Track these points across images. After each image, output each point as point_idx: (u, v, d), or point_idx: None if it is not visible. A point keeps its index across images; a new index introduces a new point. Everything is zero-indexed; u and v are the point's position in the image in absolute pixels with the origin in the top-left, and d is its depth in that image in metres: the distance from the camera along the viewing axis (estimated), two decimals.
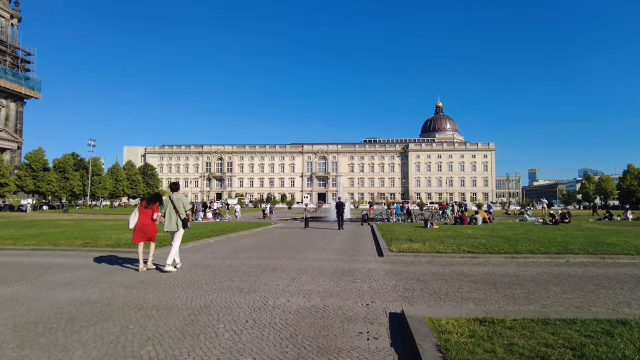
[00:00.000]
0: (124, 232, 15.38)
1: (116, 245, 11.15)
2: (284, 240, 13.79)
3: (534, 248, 10.22)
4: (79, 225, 20.86)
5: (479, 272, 7.57)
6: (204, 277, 6.88)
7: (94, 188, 64.08)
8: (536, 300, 5.33)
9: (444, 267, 8.14)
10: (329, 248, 11.39)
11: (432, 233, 15.07)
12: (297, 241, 13.52)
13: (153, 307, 4.87)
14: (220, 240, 13.58)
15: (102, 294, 5.60)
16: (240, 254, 10.03)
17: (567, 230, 16.27)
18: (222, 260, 8.78)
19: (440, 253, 9.64)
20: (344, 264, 8.38)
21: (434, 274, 7.34)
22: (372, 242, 13.32)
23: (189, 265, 8.12)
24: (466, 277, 6.97)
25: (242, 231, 17.33)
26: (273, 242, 13.08)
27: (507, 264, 8.50)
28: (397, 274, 7.31)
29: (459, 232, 15.82)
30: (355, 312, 4.74)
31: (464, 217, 20.39)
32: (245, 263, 8.41)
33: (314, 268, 7.84)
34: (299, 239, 14.29)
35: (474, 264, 8.62)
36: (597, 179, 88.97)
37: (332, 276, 7.00)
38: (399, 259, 9.26)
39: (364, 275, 7.09)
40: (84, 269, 7.65)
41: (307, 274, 7.22)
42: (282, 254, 10.03)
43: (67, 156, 61.19)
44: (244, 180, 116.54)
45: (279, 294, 5.59)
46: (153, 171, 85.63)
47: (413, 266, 8.19)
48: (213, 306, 4.94)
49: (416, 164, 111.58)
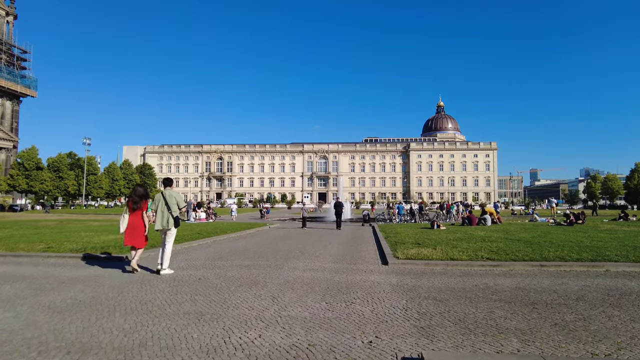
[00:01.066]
0: (102, 234, 13.96)
1: (82, 249, 9.71)
2: (276, 244, 12.33)
3: (563, 254, 8.74)
4: (61, 227, 19.46)
5: (507, 285, 6.11)
6: (161, 295, 5.43)
7: (90, 187, 62.73)
8: (602, 334, 3.86)
9: (463, 279, 6.68)
10: (325, 253, 9.93)
11: (441, 235, 13.60)
12: (290, 245, 12.07)
13: (63, 348, 3.42)
14: (204, 244, 12.14)
15: (7, 324, 4.14)
16: (220, 261, 8.58)
17: (588, 232, 14.76)
18: (195, 271, 7.32)
19: (456, 260, 8.17)
20: (341, 276, 6.92)
21: (453, 289, 5.87)
22: (374, 245, 11.86)
23: (151, 277, 6.67)
24: (494, 294, 5.51)
25: (232, 233, 15.90)
26: (263, 246, 11.62)
27: (538, 275, 7.04)
28: (407, 289, 5.85)
29: (469, 234, 14.34)
30: (354, 357, 3.29)
31: (473, 217, 18.90)
32: (221, 275, 6.95)
33: (304, 281, 6.38)
34: (292, 242, 12.83)
35: (497, 274, 7.16)
36: (602, 178, 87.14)
37: (325, 293, 5.54)
38: (407, 267, 7.80)
39: (365, 293, 5.63)
40: (17, 282, 6.20)
41: (293, 290, 5.76)
42: (269, 261, 8.57)
43: (61, 155, 59.90)
44: (244, 180, 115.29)
45: (249, 324, 4.13)
46: (151, 170, 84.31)
47: (425, 278, 6.73)
48: (151, 345, 3.48)
49: (417, 164, 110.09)
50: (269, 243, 12.68)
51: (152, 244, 9.72)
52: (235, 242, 13.07)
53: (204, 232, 15.18)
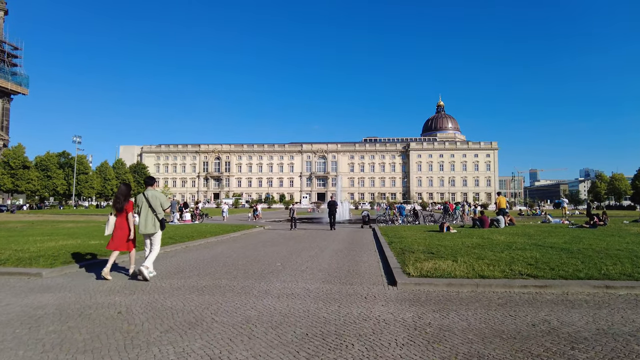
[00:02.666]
0: (61, 239, 11.84)
1: (5, 260, 7.58)
2: (255, 252, 10.18)
3: (626, 269, 6.62)
4: (28, 229, 17.36)
5: (581, 326, 3.99)
6: (19, 350, 3.29)
7: (80, 187, 60.48)
8: None
9: (507, 311, 4.55)
10: (313, 266, 7.77)
11: (455, 241, 11.47)
12: (272, 253, 9.91)
13: None
14: (170, 252, 10.00)
15: None
16: (172, 279, 6.44)
17: (626, 237, 12.65)
18: (125, 297, 5.17)
19: (488, 278, 6.05)
20: (331, 307, 4.76)
21: (502, 334, 3.74)
22: (376, 254, 9.71)
23: (49, 311, 4.52)
24: (572, 347, 3.39)
25: (212, 237, 13.78)
26: (239, 255, 9.47)
27: (610, 303, 4.92)
28: (432, 336, 3.69)
29: (488, 238, 12.21)
30: None
31: (485, 218, 16.73)
32: (156, 304, 4.79)
33: (273, 320, 4.21)
34: (276, 249, 10.68)
35: (552, 301, 5.05)
36: (608, 178, 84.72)
37: (300, 349, 3.39)
38: (424, 290, 5.67)
39: (365, 346, 3.47)
40: None
41: (250, 339, 3.58)
42: (235, 280, 6.41)
43: (50, 154, 57.64)
44: (242, 180, 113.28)
45: None
46: (145, 170, 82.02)
47: (453, 310, 4.58)
48: None
49: (417, 164, 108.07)
50: (249, 250, 10.54)
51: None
52: (209, 248, 10.94)
53: (177, 236, 13.06)
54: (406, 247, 9.98)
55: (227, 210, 30.78)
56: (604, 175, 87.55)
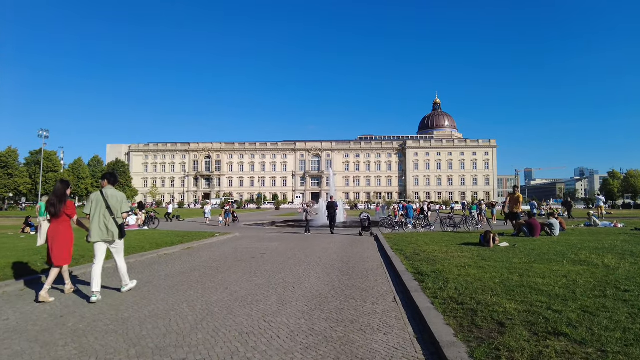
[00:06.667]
0: None
1: None
2: (156, 304, 5.44)
3: None
4: None
5: None
6: None
7: (48, 186, 55.07)
8: None
9: None
10: (275, 342, 3.05)
11: (522, 264, 6.81)
12: (176, 307, 5.20)
13: None
14: None
15: None
16: None
17: None
18: None
19: None
20: None
21: None
22: (392, 295, 5.00)
23: None
24: None
25: (140, 253, 9.05)
26: (112, 320, 4.74)
27: None
28: None
29: (582, 261, 7.55)
30: None
31: (535, 223, 12.03)
32: None
33: None
34: (194, 297, 5.97)
35: None
36: (622, 175, 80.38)
37: None
38: None
39: None
40: None
41: None
42: None
43: (11, 149, 52.11)
44: (234, 180, 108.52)
45: None
46: (124, 168, 76.62)
47: None
48: None
49: (414, 162, 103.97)
50: (148, 300, 5.80)
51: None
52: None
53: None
54: (446, 277, 5.28)
55: (209, 211, 26.16)
56: (618, 172, 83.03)
